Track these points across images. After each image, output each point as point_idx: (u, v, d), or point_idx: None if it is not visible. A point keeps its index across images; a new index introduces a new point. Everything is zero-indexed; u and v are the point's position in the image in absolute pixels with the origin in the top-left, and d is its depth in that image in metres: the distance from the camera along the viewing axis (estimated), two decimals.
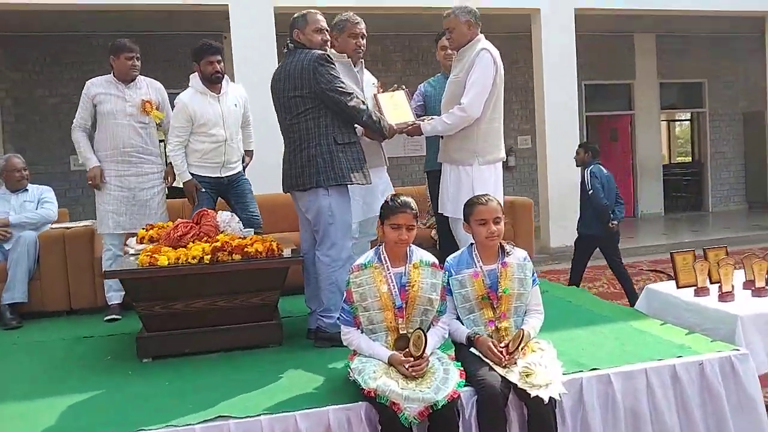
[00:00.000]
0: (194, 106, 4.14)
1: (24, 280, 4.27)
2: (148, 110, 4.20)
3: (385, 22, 8.24)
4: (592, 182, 5.93)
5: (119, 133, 4.14)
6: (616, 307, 4.08)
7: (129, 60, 4.15)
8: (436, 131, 3.78)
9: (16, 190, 4.75)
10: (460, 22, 3.73)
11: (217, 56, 4.18)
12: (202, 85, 4.18)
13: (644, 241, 9.01)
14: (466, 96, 3.62)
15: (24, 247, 4.31)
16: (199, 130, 4.19)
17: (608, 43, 11.34)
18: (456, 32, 3.75)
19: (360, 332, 2.75)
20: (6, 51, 9.03)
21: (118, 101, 4.15)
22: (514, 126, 11.08)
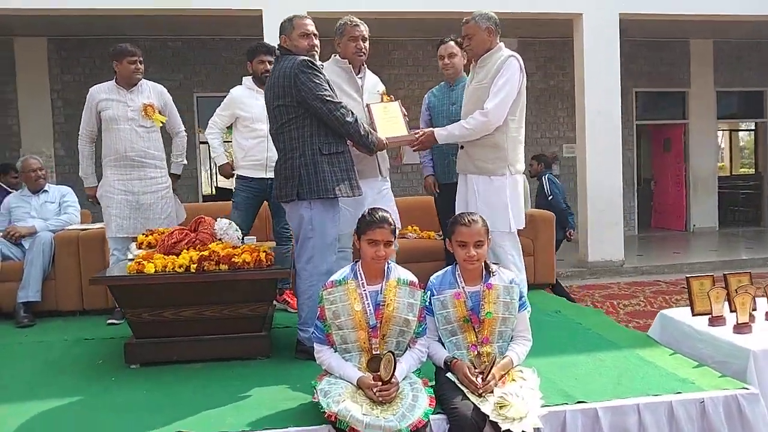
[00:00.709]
0: (241, 99, 4.43)
1: (38, 280, 4.39)
2: (150, 114, 4.25)
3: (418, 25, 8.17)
4: (551, 188, 6.51)
5: (122, 138, 4.20)
6: (628, 333, 3.86)
7: (132, 64, 4.21)
8: (453, 137, 3.67)
9: (36, 191, 4.88)
10: (481, 28, 3.62)
11: (269, 56, 4.34)
12: (252, 82, 4.46)
13: (691, 257, 8.56)
14: (491, 101, 3.50)
15: (39, 247, 4.42)
16: (243, 124, 4.42)
17: (662, 49, 10.88)
18: (475, 39, 3.64)
19: (333, 351, 2.66)
20: (59, 54, 9.40)
21: (120, 106, 4.21)
22: (559, 134, 10.78)
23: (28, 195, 4.89)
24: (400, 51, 10.13)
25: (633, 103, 10.94)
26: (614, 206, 7.73)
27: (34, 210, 4.82)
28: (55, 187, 5.04)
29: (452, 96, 4.27)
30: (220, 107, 4.57)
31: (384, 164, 3.79)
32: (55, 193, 4.96)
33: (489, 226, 3.54)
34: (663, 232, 11.34)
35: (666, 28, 9.84)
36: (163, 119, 4.36)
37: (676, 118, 11.31)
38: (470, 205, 3.63)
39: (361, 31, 3.65)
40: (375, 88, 3.83)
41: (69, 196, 4.99)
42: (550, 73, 10.63)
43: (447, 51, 4.25)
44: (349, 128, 3.20)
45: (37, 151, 9.05)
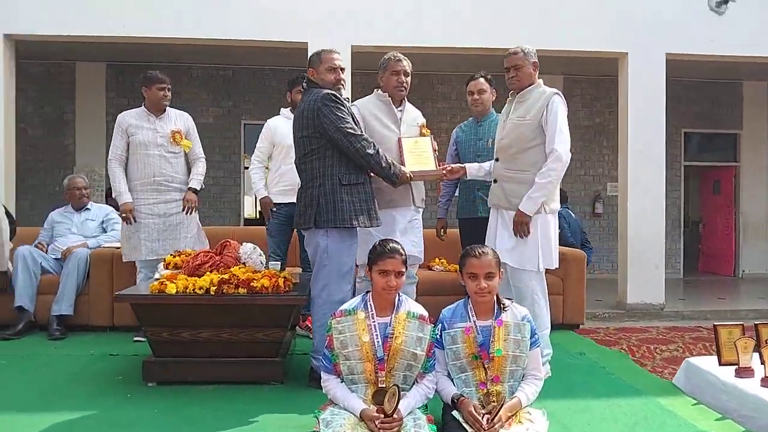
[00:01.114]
0: (276, 128, 4.58)
1: (72, 295, 4.55)
2: (178, 140, 4.41)
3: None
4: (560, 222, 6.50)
5: (151, 163, 4.35)
6: (651, 379, 3.73)
7: (161, 90, 4.38)
8: (538, 199, 3.51)
9: (79, 208, 5.10)
10: (529, 61, 3.65)
11: None
12: (290, 111, 4.59)
13: (737, 303, 8.21)
14: (558, 143, 3.48)
15: (75, 262, 4.59)
16: (280, 150, 4.57)
17: (713, 90, 10.63)
18: (523, 71, 3.64)
19: (339, 381, 2.66)
20: (116, 79, 9.83)
21: (149, 132, 4.37)
22: (604, 172, 10.60)
23: (70, 212, 5.12)
24: (444, 85, 10.22)
25: (682, 144, 10.69)
26: (656, 248, 7.51)
27: (75, 226, 5.03)
28: (96, 206, 5.25)
29: (479, 132, 4.28)
30: (259, 140, 4.70)
31: (418, 194, 3.81)
32: (96, 211, 5.16)
33: (517, 263, 3.54)
34: (710, 277, 10.94)
35: (717, 70, 9.64)
36: (190, 144, 4.50)
37: (726, 160, 10.98)
38: (499, 239, 3.61)
39: (404, 66, 3.73)
40: (415, 121, 3.88)
41: (113, 214, 5.20)
42: (595, 111, 10.52)
43: (477, 87, 4.28)
44: (369, 160, 3.24)
45: (89, 171, 9.48)
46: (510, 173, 3.63)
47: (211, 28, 6.79)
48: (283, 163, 4.53)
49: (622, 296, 7.60)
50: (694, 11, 7.36)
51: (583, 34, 7.26)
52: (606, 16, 7.25)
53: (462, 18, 7.04)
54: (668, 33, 7.32)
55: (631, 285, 7.51)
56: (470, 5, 7.06)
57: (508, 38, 5.87)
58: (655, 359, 5.69)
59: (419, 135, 3.81)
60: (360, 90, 8.75)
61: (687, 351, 6.17)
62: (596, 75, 10.03)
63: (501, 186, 3.67)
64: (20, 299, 4.50)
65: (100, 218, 5.15)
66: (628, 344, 6.29)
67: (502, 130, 3.72)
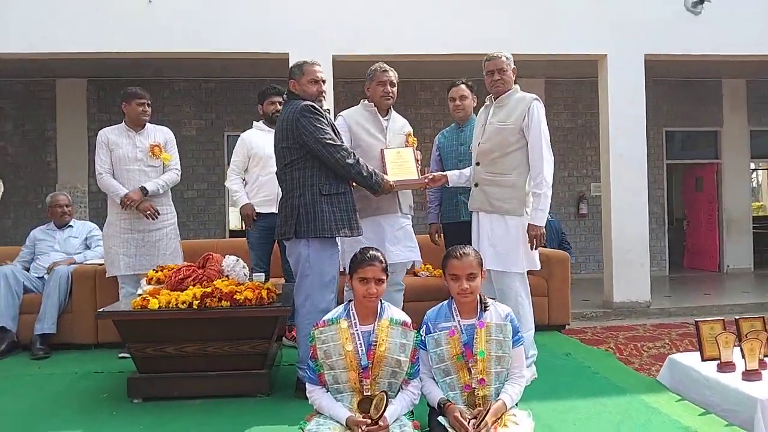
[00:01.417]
0: (251, 140, 4.54)
1: (54, 313, 4.51)
2: (158, 154, 4.41)
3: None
4: None
5: (130, 178, 4.35)
6: (636, 378, 3.76)
7: (140, 106, 4.39)
8: (545, 213, 3.58)
9: (61, 225, 5.07)
10: (510, 66, 3.70)
11: (279, 98, 4.54)
12: (263, 124, 4.60)
13: (722, 299, 8.29)
14: (544, 166, 3.54)
15: (56, 280, 4.56)
16: (256, 162, 4.54)
17: (693, 89, 10.76)
18: (507, 75, 3.69)
19: (325, 390, 2.66)
20: (97, 95, 9.79)
21: (128, 147, 4.38)
22: (587, 172, 10.69)
23: (53, 229, 5.09)
24: (426, 91, 10.27)
25: (663, 143, 10.80)
26: (640, 246, 7.57)
27: (58, 244, 5.00)
28: (79, 223, 5.22)
29: (461, 137, 4.31)
30: (234, 154, 4.67)
31: (405, 201, 3.83)
32: (79, 228, 5.14)
33: (500, 266, 3.57)
34: (695, 273, 11.04)
35: (696, 68, 9.76)
36: (170, 157, 4.50)
37: (708, 158, 11.10)
38: (482, 243, 3.63)
39: (390, 77, 3.77)
40: (402, 130, 3.91)
41: (96, 231, 5.18)
42: (577, 113, 10.60)
43: (458, 93, 4.31)
44: (350, 170, 3.25)
45: (72, 187, 9.42)
46: (492, 177, 3.66)
47: (192, 41, 6.80)
48: (260, 174, 4.52)
49: (609, 295, 7.66)
50: (671, 12, 7.46)
51: (563, 38, 7.34)
52: (585, 19, 7.34)
53: (442, 25, 7.10)
54: (646, 34, 7.42)
55: (617, 284, 7.56)
56: (449, 13, 7.12)
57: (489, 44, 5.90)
58: (643, 357, 5.74)
59: (405, 143, 3.84)
60: (343, 99, 8.81)
61: (674, 347, 6.23)
62: (577, 77, 10.12)
63: (482, 190, 3.69)
64: (2, 319, 4.46)
65: (83, 235, 5.11)
66: (615, 343, 6.34)
67: (481, 135, 3.74)
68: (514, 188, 3.61)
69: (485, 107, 3.83)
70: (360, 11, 6.99)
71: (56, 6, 6.55)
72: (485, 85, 3.77)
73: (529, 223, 3.57)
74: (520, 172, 3.62)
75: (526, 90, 3.78)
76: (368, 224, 3.63)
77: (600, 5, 7.39)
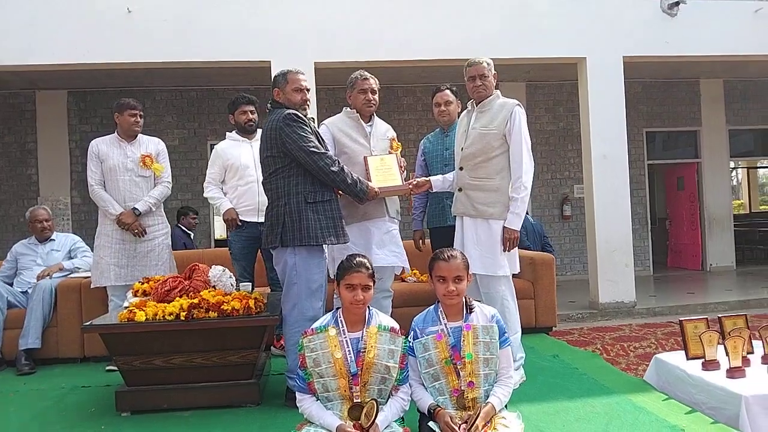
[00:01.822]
0: (224, 150, 4.50)
1: (38, 327, 4.46)
2: (149, 164, 4.40)
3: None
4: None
5: (121, 188, 4.34)
6: (623, 378, 3.79)
7: (132, 117, 4.38)
8: (520, 217, 3.66)
9: (42, 240, 5.02)
10: (491, 72, 3.75)
11: (250, 106, 4.53)
12: (236, 134, 4.58)
13: (706, 297, 8.38)
14: (524, 172, 3.61)
15: (40, 295, 4.52)
16: (233, 172, 4.49)
17: (672, 89, 10.90)
18: (488, 80, 3.73)
19: (315, 399, 2.66)
20: (78, 106, 9.71)
21: (119, 158, 4.37)
22: (570, 174, 10.77)
23: (35, 243, 5.04)
24: (409, 97, 10.31)
25: (644, 143, 10.92)
26: (624, 247, 7.64)
27: (40, 258, 4.96)
28: (62, 235, 5.18)
29: (446, 142, 4.34)
30: (209, 166, 4.60)
31: (392, 206, 3.85)
32: (62, 240, 5.10)
33: (486, 270, 3.60)
34: (679, 272, 11.15)
35: (674, 69, 9.89)
36: (162, 168, 4.48)
37: (688, 157, 11.24)
38: (467, 247, 3.65)
39: (370, 84, 3.80)
40: (385, 135, 3.95)
41: (79, 243, 5.16)
42: (559, 115, 10.69)
43: (443, 99, 4.34)
44: (334, 177, 3.26)
45: (54, 200, 9.33)
46: (475, 181, 3.69)
47: (173, 50, 6.77)
48: (239, 185, 4.48)
49: (594, 296, 7.72)
50: (648, 14, 7.56)
51: (542, 41, 7.40)
52: (563, 23, 7.41)
53: (423, 31, 7.12)
54: (624, 36, 7.51)
55: (603, 285, 7.63)
56: (430, 18, 7.16)
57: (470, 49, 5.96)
58: (629, 357, 5.79)
59: (390, 148, 3.86)
60: (325, 106, 8.81)
61: (660, 347, 6.29)
62: (558, 80, 10.22)
63: (466, 194, 3.72)
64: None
65: (66, 247, 5.08)
66: (602, 343, 6.39)
67: (464, 140, 3.77)
68: (498, 192, 3.65)
69: (467, 112, 3.87)
70: (340, 18, 7.00)
71: (35, 18, 6.50)
72: (467, 90, 3.81)
73: (504, 226, 3.62)
74: (504, 177, 3.67)
75: (508, 94, 3.83)
76: (355, 229, 3.65)
77: (577, 8, 7.47)
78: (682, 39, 7.59)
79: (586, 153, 7.71)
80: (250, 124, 4.51)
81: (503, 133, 3.63)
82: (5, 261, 5.04)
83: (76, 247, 5.12)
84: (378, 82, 3.86)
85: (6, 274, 4.92)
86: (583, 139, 7.80)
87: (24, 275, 4.89)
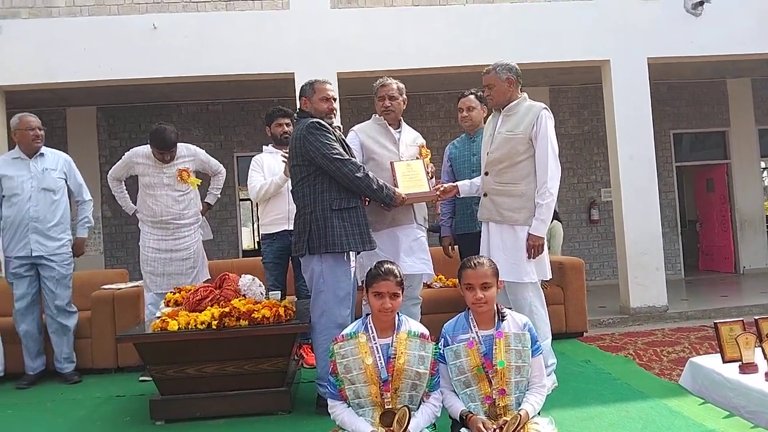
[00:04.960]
0: (265, 162, 4.58)
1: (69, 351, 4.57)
2: (186, 179, 4.47)
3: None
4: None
5: (159, 203, 4.45)
6: (657, 382, 3.74)
7: (161, 153, 4.44)
8: (545, 223, 3.60)
9: (32, 154, 4.51)
10: (501, 79, 3.69)
11: (286, 119, 4.62)
12: (272, 146, 4.67)
13: (740, 300, 8.22)
14: (550, 177, 3.56)
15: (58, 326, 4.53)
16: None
17: (699, 90, 10.74)
18: (495, 90, 3.71)
19: (346, 405, 2.67)
20: (107, 121, 9.91)
21: (156, 174, 4.47)
22: (597, 178, 10.66)
23: (23, 158, 4.50)
24: (431, 104, 10.32)
25: (672, 145, 10.77)
26: (654, 250, 7.53)
27: (35, 179, 4.46)
28: (49, 150, 4.67)
29: (473, 147, 4.33)
30: (253, 170, 4.59)
31: (420, 212, 3.86)
32: (51, 157, 4.61)
33: (513, 277, 3.57)
34: (711, 275, 10.94)
35: (700, 69, 9.75)
36: (198, 182, 4.56)
37: (717, 158, 11.06)
38: (493, 254, 3.63)
39: (387, 91, 3.83)
40: (414, 142, 3.97)
41: (72, 163, 4.81)
42: (583, 119, 10.61)
43: (466, 105, 4.33)
44: (359, 183, 3.28)
45: None
46: (500, 186, 3.66)
47: (198, 65, 6.86)
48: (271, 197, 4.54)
49: (625, 301, 7.61)
50: (672, 15, 7.47)
51: (565, 45, 7.35)
52: (586, 26, 7.35)
53: (443, 38, 7.13)
54: (648, 38, 7.43)
55: (633, 289, 7.51)
56: (450, 25, 7.16)
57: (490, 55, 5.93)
58: (663, 362, 5.68)
59: (418, 155, 3.87)
60: (349, 115, 8.86)
61: (694, 351, 6.16)
62: (581, 83, 10.14)
63: (491, 199, 3.70)
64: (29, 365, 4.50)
65: (59, 166, 4.63)
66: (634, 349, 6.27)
67: (490, 144, 3.74)
68: (523, 198, 3.61)
69: (493, 116, 3.84)
70: (361, 28, 7.04)
71: (62, 37, 6.65)
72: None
73: (529, 233, 3.57)
74: (529, 182, 3.62)
75: (531, 98, 3.79)
76: (384, 236, 3.66)
77: (600, 11, 7.41)
78: (707, 39, 7.48)
79: (613, 156, 7.63)
80: (285, 136, 4.56)
81: (529, 137, 3.59)
82: None
83: (72, 170, 4.73)
84: (401, 87, 3.88)
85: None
86: (609, 142, 7.72)
87: (12, 203, 4.41)
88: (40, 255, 4.40)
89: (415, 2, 7.22)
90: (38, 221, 4.40)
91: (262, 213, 4.60)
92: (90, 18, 6.70)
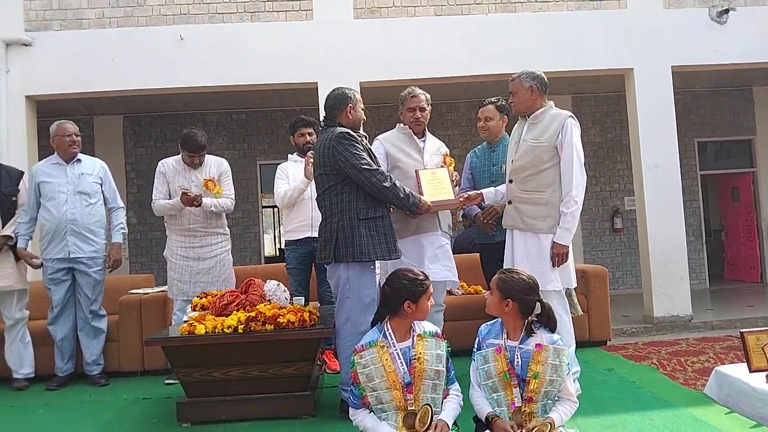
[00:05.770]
0: (289, 170, 4.65)
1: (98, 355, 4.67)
2: (211, 188, 4.55)
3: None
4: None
5: (186, 212, 4.51)
6: (682, 391, 3.71)
7: (190, 158, 4.56)
8: (571, 233, 3.59)
9: (69, 159, 4.65)
10: (523, 87, 3.70)
11: (309, 128, 4.71)
12: (296, 155, 4.74)
13: (766, 310, 8.06)
14: (575, 186, 3.54)
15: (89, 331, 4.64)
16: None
17: (724, 98, 10.64)
18: (518, 97, 3.72)
19: (368, 411, 2.69)
20: (133, 130, 10.09)
21: (184, 182, 4.55)
22: (620, 186, 10.59)
23: (60, 164, 4.64)
24: (453, 113, 10.35)
25: (696, 154, 10.67)
26: (679, 259, 7.46)
27: (71, 183, 4.58)
28: (86, 157, 4.81)
29: (493, 157, 4.35)
30: (279, 180, 4.67)
31: (444, 220, 3.89)
32: (88, 163, 4.76)
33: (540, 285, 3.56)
34: (736, 285, 10.79)
35: (725, 77, 9.65)
36: (222, 191, 4.65)
37: (742, 167, 10.92)
38: (517, 261, 3.63)
39: (418, 102, 3.88)
40: (438, 151, 4.02)
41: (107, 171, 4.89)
42: (606, 127, 10.56)
43: (484, 114, 4.36)
44: (387, 193, 3.32)
45: None
46: (525, 194, 3.67)
47: (223, 75, 6.97)
48: (295, 202, 4.61)
49: (649, 310, 7.54)
50: (696, 23, 7.42)
51: (588, 54, 7.34)
52: (609, 34, 7.34)
53: (465, 47, 7.16)
54: (672, 46, 7.39)
55: (657, 298, 7.44)
56: (473, 34, 7.18)
57: (513, 64, 5.98)
58: (687, 371, 5.62)
59: (443, 163, 3.90)
60: (371, 123, 8.91)
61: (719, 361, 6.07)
62: (604, 91, 10.10)
63: (516, 207, 3.70)
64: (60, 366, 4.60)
65: (95, 171, 4.75)
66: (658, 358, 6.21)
67: (515, 152, 3.74)
68: (548, 206, 3.60)
69: (519, 124, 3.84)
70: (384, 38, 7.10)
71: (92, 48, 6.79)
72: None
73: (554, 241, 3.56)
74: (554, 190, 3.61)
75: None
76: (409, 243, 3.69)
77: (623, 20, 7.39)
78: (732, 47, 7.43)
79: (637, 164, 7.58)
80: (308, 145, 4.64)
81: (554, 145, 3.58)
82: (27, 192, 4.61)
83: (107, 177, 4.83)
84: (429, 98, 3.92)
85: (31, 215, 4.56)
86: (633, 150, 7.67)
87: (50, 207, 4.52)
88: (77, 257, 4.52)
89: (437, 12, 7.27)
90: (75, 223, 4.51)
91: (286, 220, 4.66)
92: (119, 29, 6.85)
